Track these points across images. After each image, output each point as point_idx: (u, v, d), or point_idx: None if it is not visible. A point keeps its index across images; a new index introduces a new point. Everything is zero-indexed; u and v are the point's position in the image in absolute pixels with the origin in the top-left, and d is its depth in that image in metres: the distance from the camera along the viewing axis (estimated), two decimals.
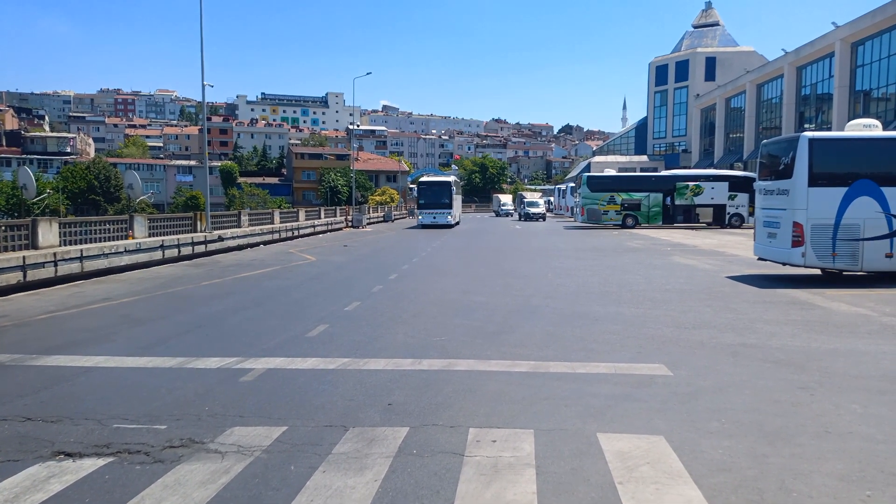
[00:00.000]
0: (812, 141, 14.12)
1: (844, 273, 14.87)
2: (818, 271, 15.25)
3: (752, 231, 17.08)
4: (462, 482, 4.40)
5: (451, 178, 49.56)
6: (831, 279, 15.03)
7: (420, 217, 46.61)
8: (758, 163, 16.98)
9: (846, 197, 13.78)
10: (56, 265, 15.62)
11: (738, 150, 64.07)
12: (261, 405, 6.16)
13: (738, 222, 39.69)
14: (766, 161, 16.00)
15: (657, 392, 6.48)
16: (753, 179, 30.58)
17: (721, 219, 40.19)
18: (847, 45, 45.08)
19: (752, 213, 35.49)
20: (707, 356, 7.97)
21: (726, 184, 40.36)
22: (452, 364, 7.64)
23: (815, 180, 13.90)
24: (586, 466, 4.66)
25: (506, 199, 77.89)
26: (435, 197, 45.65)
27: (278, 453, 4.96)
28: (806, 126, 49.47)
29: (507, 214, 68.23)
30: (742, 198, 39.41)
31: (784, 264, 14.86)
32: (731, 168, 57.04)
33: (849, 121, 16.61)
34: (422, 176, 52.65)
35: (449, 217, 45.22)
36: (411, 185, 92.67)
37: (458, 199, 52.09)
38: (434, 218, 44.99)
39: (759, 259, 16.15)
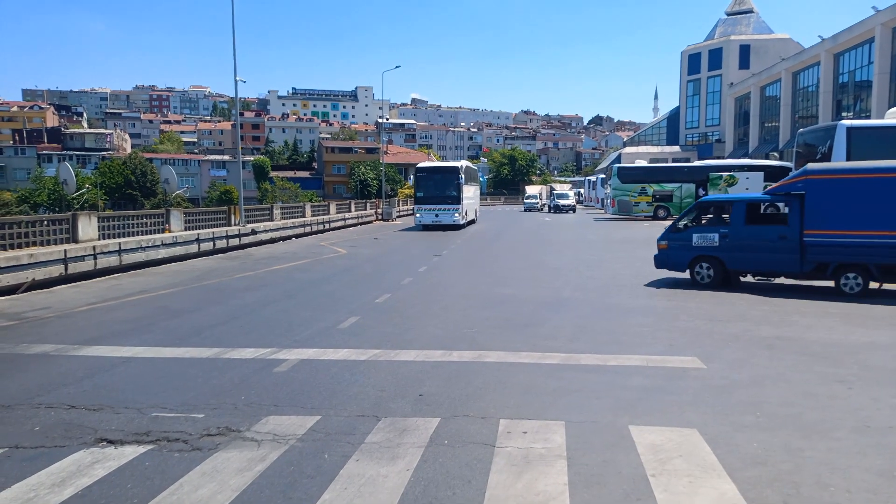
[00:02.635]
0: (850, 129, 13.82)
1: None
2: None
3: None
4: (493, 472, 4.43)
5: (461, 164, 37.56)
6: None
7: (418, 215, 35.62)
8: (794, 152, 16.65)
9: None
10: (95, 258, 16.02)
11: (773, 139, 62.63)
12: (295, 395, 6.28)
13: None
14: (802, 150, 15.70)
15: (690, 385, 6.42)
16: (789, 169, 29.97)
17: None
18: (888, 30, 43.64)
19: None
20: (741, 349, 7.86)
21: (762, 174, 39.43)
22: (482, 356, 7.67)
23: None
24: (618, 458, 4.65)
25: (532, 190, 76.06)
26: (437, 188, 35.02)
27: (312, 442, 5.05)
28: (843, 114, 48.08)
29: (534, 208, 66.43)
30: None
31: None
32: (767, 158, 55.76)
33: (889, 109, 16.14)
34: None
35: (456, 215, 34.54)
36: None
37: (471, 190, 40.53)
38: (436, 216, 34.62)
39: None
